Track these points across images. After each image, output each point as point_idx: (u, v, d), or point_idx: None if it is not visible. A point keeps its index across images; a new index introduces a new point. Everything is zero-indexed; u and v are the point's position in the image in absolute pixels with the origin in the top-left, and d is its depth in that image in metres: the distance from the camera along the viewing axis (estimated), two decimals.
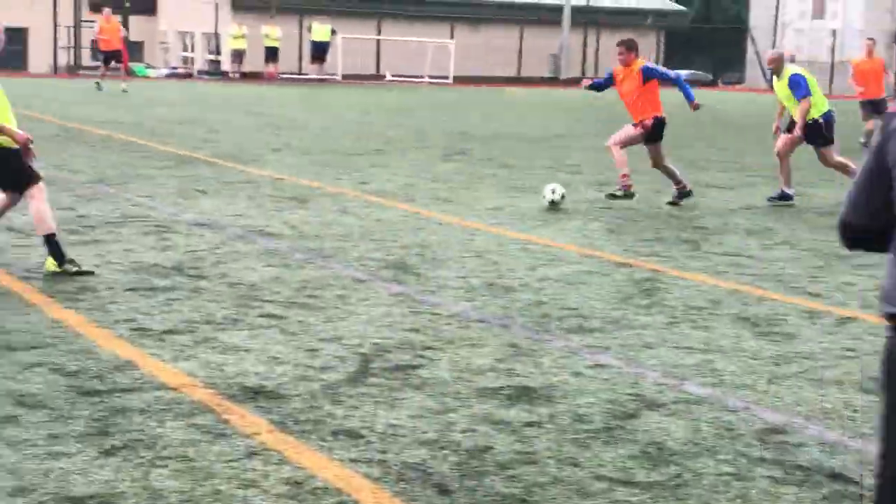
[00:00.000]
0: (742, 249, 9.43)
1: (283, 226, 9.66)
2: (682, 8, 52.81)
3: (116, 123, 18.59)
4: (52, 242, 7.45)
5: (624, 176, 11.76)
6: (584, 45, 46.30)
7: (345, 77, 38.69)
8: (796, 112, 12.16)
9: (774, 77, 12.55)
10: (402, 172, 13.74)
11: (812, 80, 12.28)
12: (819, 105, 12.21)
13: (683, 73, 58.02)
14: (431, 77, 40.13)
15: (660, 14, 50.47)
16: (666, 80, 12.27)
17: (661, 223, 10.65)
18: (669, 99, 12.18)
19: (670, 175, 12.02)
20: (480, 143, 17.82)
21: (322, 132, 18.69)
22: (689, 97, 12.18)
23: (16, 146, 7.44)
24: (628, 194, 11.77)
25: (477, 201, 11.63)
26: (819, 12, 51.95)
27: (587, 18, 46.35)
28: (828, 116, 12.26)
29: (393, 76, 40.93)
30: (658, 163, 12.07)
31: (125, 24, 39.21)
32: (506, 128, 21.25)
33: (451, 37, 41.53)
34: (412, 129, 20.20)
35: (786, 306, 7.36)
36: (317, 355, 5.85)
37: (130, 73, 36.95)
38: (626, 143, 12.07)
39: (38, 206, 7.49)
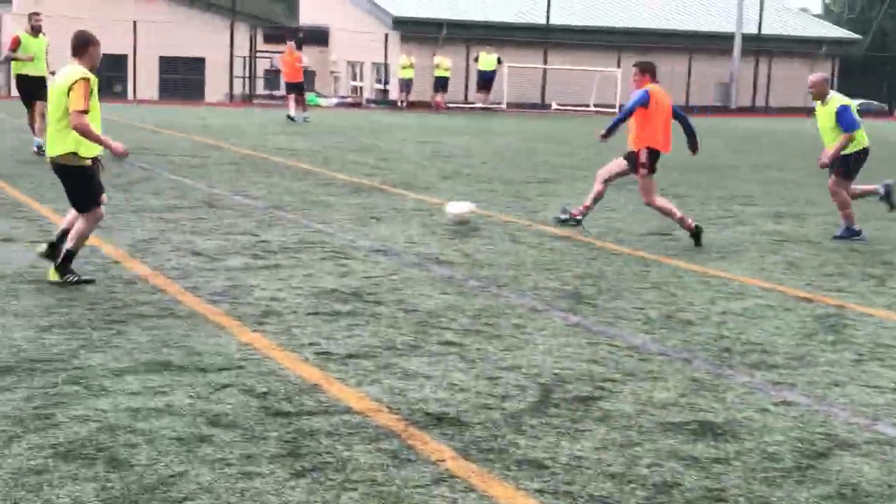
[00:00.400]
0: None
1: (457, 253, 9.74)
2: (856, 36, 51.36)
3: (291, 151, 19.08)
4: (68, 257, 7.81)
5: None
6: (755, 74, 45.42)
7: (510, 106, 38.87)
8: (835, 143, 11.41)
9: (817, 103, 11.63)
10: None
11: (856, 111, 11.49)
12: (860, 140, 11.48)
13: (856, 102, 56.43)
14: (597, 106, 39.96)
15: (834, 42, 49.17)
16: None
17: (842, 257, 10.34)
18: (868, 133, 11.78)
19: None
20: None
21: (490, 161, 18.80)
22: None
23: (87, 164, 7.80)
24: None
25: (651, 232, 11.50)
26: None
27: (758, 47, 45.49)
28: (863, 152, 11.55)
29: (558, 105, 40.92)
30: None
31: None
32: (675, 157, 20.94)
33: (618, 65, 41.27)
34: (579, 157, 20.13)
35: None
36: (497, 383, 5.87)
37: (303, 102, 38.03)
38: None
39: (83, 227, 7.88)
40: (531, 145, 22.78)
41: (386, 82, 41.22)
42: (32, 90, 16.56)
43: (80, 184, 7.89)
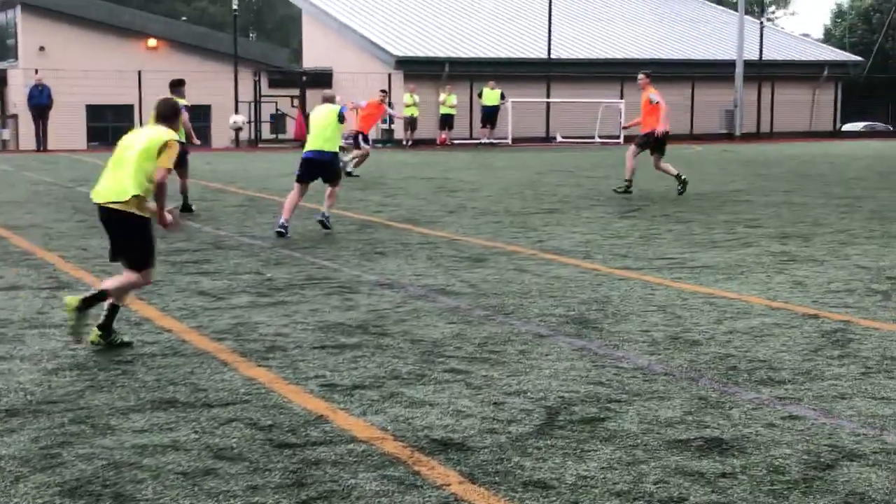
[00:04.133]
0: None
1: (463, 284, 9.75)
2: (858, 59, 51.48)
3: None
4: (111, 314, 7.36)
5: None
6: (759, 99, 45.52)
7: (515, 140, 39.00)
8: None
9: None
10: (578, 230, 13.73)
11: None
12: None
13: (860, 124, 56.67)
14: (602, 137, 40.06)
15: (836, 65, 49.30)
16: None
17: (848, 274, 10.33)
18: (848, 150, 11.80)
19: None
20: (656, 201, 17.67)
21: (495, 194, 18.84)
22: None
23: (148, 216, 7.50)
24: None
25: (656, 256, 11.51)
26: None
27: (760, 73, 45.62)
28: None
29: (563, 138, 41.04)
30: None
31: (302, 97, 40.55)
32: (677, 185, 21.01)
33: (621, 96, 41.39)
34: (585, 188, 20.17)
35: None
36: (502, 408, 5.87)
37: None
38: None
39: (130, 281, 7.48)
40: (536, 178, 22.83)
41: (390, 122, 41.41)
42: None
43: (142, 236, 7.58)
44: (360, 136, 23.48)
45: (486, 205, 16.97)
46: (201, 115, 46.20)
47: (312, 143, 13.46)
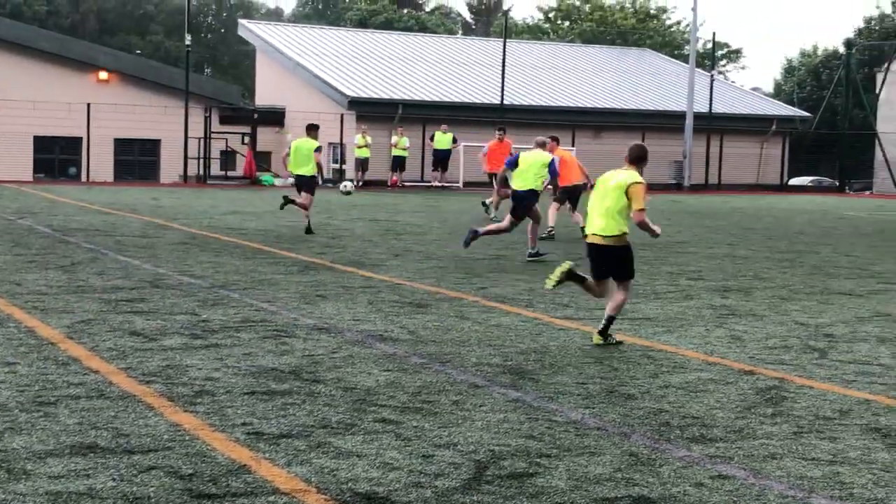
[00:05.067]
0: (872, 358, 9.09)
1: (402, 330, 9.66)
2: (806, 114, 52.22)
3: (242, 231, 19.02)
4: (608, 323, 9.44)
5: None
6: (708, 151, 45.99)
7: (466, 184, 39.05)
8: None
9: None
10: (522, 278, 13.70)
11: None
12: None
13: (808, 178, 57.40)
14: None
15: (784, 120, 49.98)
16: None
17: (787, 330, 10.36)
18: (794, 204, 11.89)
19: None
20: None
21: (443, 238, 18.80)
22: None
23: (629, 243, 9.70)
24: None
25: (598, 307, 11.48)
26: None
27: (710, 125, 46.15)
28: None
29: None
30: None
31: (253, 134, 40.41)
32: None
33: (573, 144, 41.62)
34: None
35: None
36: (431, 461, 5.77)
37: (257, 182, 37.98)
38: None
39: (621, 298, 9.60)
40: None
41: (342, 162, 41.34)
42: None
43: (630, 259, 9.78)
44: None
45: (433, 249, 16.92)
46: (150, 149, 45.99)
47: (522, 184, 16.07)
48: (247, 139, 40.75)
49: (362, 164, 37.74)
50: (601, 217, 9.59)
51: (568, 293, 12.39)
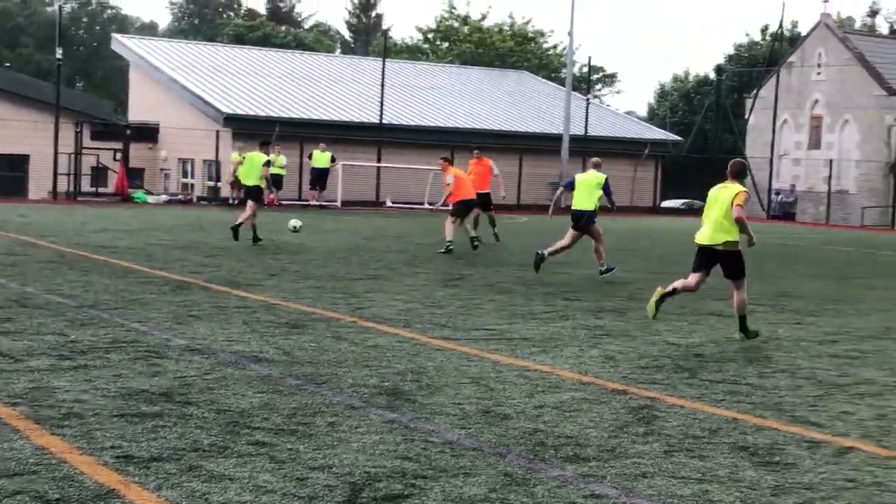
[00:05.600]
0: (741, 377, 9.32)
1: (277, 351, 9.56)
2: (678, 138, 53.47)
3: (113, 249, 18.62)
4: (743, 322, 11.34)
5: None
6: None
7: (344, 204, 38.96)
8: None
9: None
10: (400, 298, 13.69)
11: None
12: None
13: (679, 201, 58.69)
14: (431, 204, 40.39)
15: (657, 144, 51.09)
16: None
17: (658, 350, 10.56)
18: (667, 226, 12.14)
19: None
20: (480, 269, 17.82)
21: (320, 257, 18.69)
22: None
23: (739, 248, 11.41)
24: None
25: (475, 327, 11.54)
26: (815, 143, 52.60)
27: (586, 147, 46.92)
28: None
29: (393, 203, 41.20)
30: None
31: (125, 151, 39.65)
32: (507, 254, 21.31)
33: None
34: (411, 254, 20.21)
35: (785, 436, 7.23)
36: (305, 484, 5.70)
37: (129, 199, 37.26)
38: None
39: (742, 297, 11.32)
40: (363, 242, 22.79)
41: (218, 179, 40.85)
42: None
43: (741, 261, 11.44)
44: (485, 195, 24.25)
45: (310, 269, 16.80)
46: (18, 164, 44.77)
47: (580, 203, 17.46)
48: (119, 155, 39.98)
49: (238, 182, 37.29)
50: (713, 226, 11.43)
51: (444, 314, 12.43)
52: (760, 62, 59.45)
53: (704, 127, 57.74)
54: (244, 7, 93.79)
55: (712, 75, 61.04)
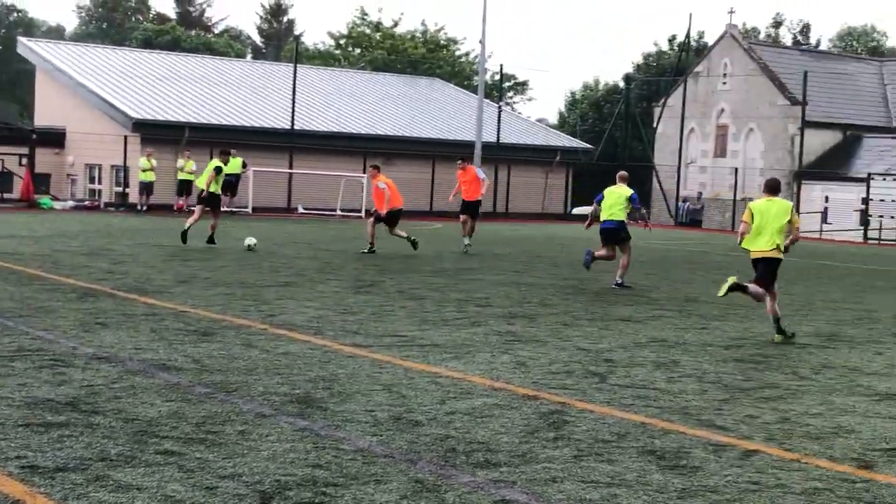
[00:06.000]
0: (649, 382, 9.45)
1: (186, 359, 9.46)
2: (588, 146, 54.04)
3: (17, 256, 18.26)
4: (778, 324, 12.64)
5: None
6: (496, 180, 46.99)
7: (255, 210, 38.68)
8: None
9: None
10: (312, 305, 13.63)
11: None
12: None
13: (589, 208, 59.23)
14: (343, 211, 40.30)
15: (568, 151, 51.59)
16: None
17: (569, 356, 10.66)
18: (577, 233, 12.28)
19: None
20: (393, 276, 17.82)
21: (230, 264, 18.53)
22: None
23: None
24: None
25: (387, 333, 11.54)
26: (721, 152, 53.54)
27: (498, 155, 47.20)
28: None
29: (305, 209, 41.01)
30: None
31: (31, 155, 38.91)
32: (419, 260, 21.34)
33: (364, 171, 41.86)
34: (323, 261, 20.14)
35: (691, 439, 7.35)
36: (215, 493, 5.65)
37: (35, 205, 36.55)
38: None
39: (775, 300, 12.63)
40: (274, 248, 22.64)
41: (125, 185, 40.28)
42: None
43: (776, 270, 12.79)
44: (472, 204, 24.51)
45: (220, 276, 16.64)
46: None
47: (610, 216, 18.08)
48: (24, 160, 39.21)
49: (146, 188, 36.85)
50: (768, 236, 12.63)
51: (356, 321, 12.42)
52: (668, 72, 60.35)
53: (614, 135, 58.43)
54: (153, 11, 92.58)
55: (621, 84, 61.83)
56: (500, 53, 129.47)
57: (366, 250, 22.31)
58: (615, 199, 18.18)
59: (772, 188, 12.96)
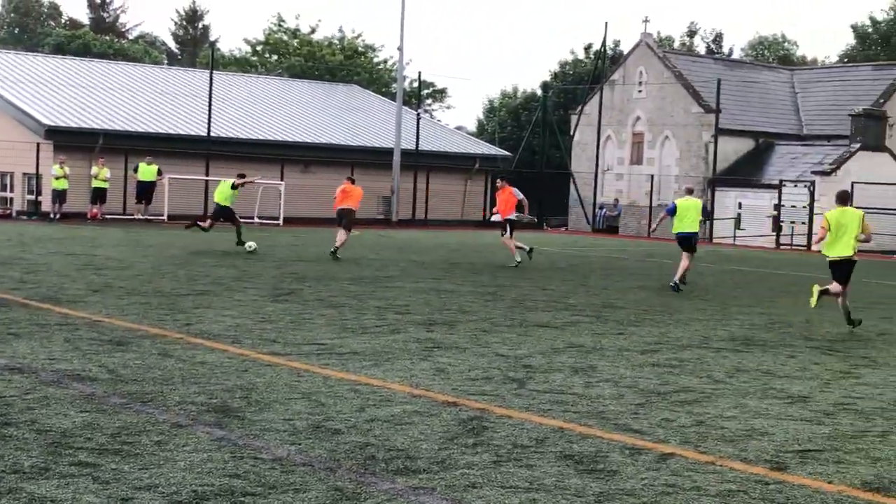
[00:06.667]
0: (567, 387, 9.53)
1: (100, 369, 9.32)
2: (507, 153, 54.33)
3: None
4: (849, 316, 14.82)
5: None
6: (415, 187, 47.04)
7: (171, 218, 38.23)
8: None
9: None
10: (229, 313, 13.51)
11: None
12: None
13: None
14: (261, 218, 40.02)
15: (487, 158, 51.81)
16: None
17: (488, 362, 10.71)
18: (496, 240, 12.34)
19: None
20: (311, 284, 17.73)
21: (146, 273, 18.30)
22: None
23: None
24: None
25: (306, 342, 11.49)
26: (637, 159, 54.20)
27: (417, 162, 47.25)
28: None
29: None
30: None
31: None
32: (337, 268, 21.26)
33: (281, 178, 41.60)
34: (241, 269, 19.97)
35: (608, 443, 7.43)
36: None
37: None
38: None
39: (846, 297, 14.66)
40: (191, 257, 22.40)
41: (38, 193, 39.53)
42: None
43: (852, 271, 14.74)
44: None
45: (135, 284, 16.42)
46: None
47: (684, 226, 19.99)
48: None
49: (60, 196, 36.20)
50: (847, 242, 14.42)
51: (274, 329, 12.34)
52: (585, 80, 60.93)
53: (532, 142, 58.85)
54: (66, 16, 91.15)
55: (539, 92, 62.28)
56: (418, 61, 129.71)
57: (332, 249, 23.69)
58: (692, 210, 19.93)
59: (842, 199, 14.78)
